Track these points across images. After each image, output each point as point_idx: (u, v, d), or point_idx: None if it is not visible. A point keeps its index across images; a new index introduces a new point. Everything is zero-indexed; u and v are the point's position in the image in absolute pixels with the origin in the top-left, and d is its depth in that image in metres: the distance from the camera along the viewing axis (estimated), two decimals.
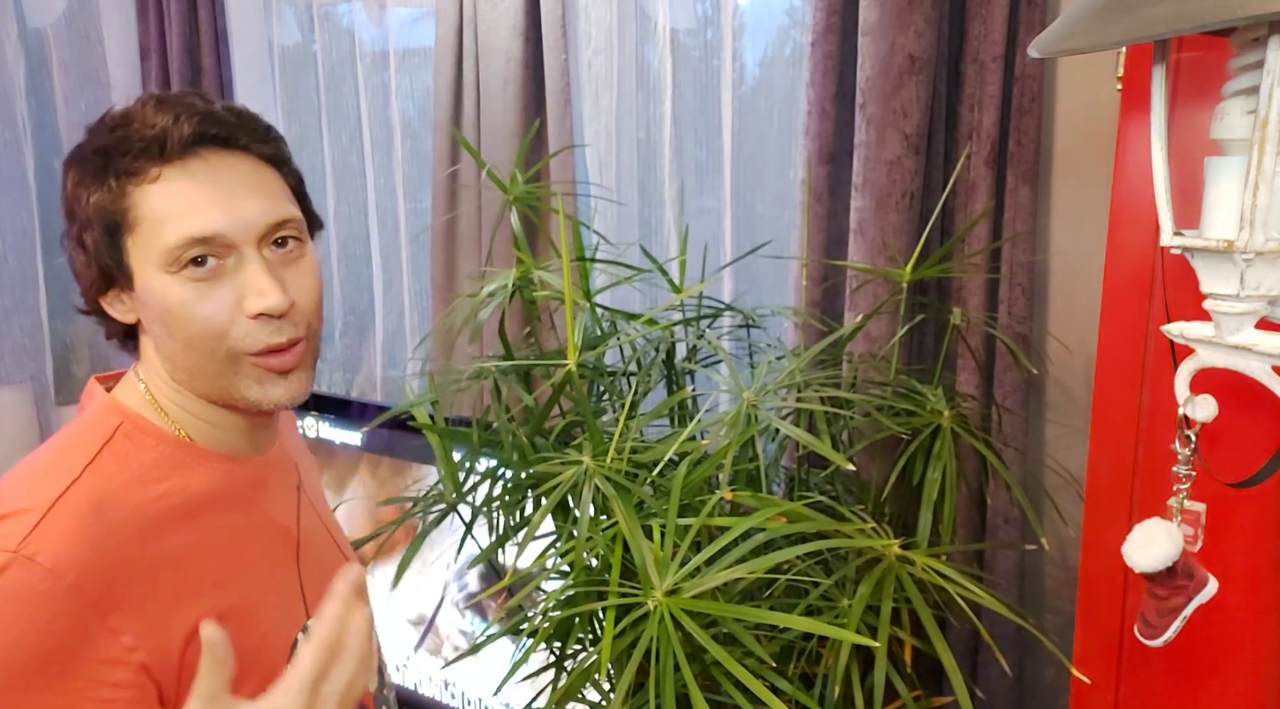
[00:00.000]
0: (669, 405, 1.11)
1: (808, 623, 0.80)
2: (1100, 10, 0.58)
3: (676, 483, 0.93)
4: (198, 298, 0.69)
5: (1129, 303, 0.99)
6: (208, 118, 0.70)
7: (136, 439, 0.72)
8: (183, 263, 0.68)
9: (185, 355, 0.71)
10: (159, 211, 0.68)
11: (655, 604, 0.82)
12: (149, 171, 0.68)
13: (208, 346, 0.70)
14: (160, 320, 0.71)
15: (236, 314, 0.70)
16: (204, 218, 0.68)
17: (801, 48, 1.55)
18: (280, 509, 0.83)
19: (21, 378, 2.32)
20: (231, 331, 0.70)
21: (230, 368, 0.71)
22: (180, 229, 0.68)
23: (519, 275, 1.22)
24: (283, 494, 0.84)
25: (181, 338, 0.70)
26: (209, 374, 0.72)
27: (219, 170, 0.70)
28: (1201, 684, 0.98)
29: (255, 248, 0.70)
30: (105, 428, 0.72)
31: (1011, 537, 1.40)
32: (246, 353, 0.71)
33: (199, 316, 0.69)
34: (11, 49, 2.26)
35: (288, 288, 0.72)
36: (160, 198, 0.68)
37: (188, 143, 0.69)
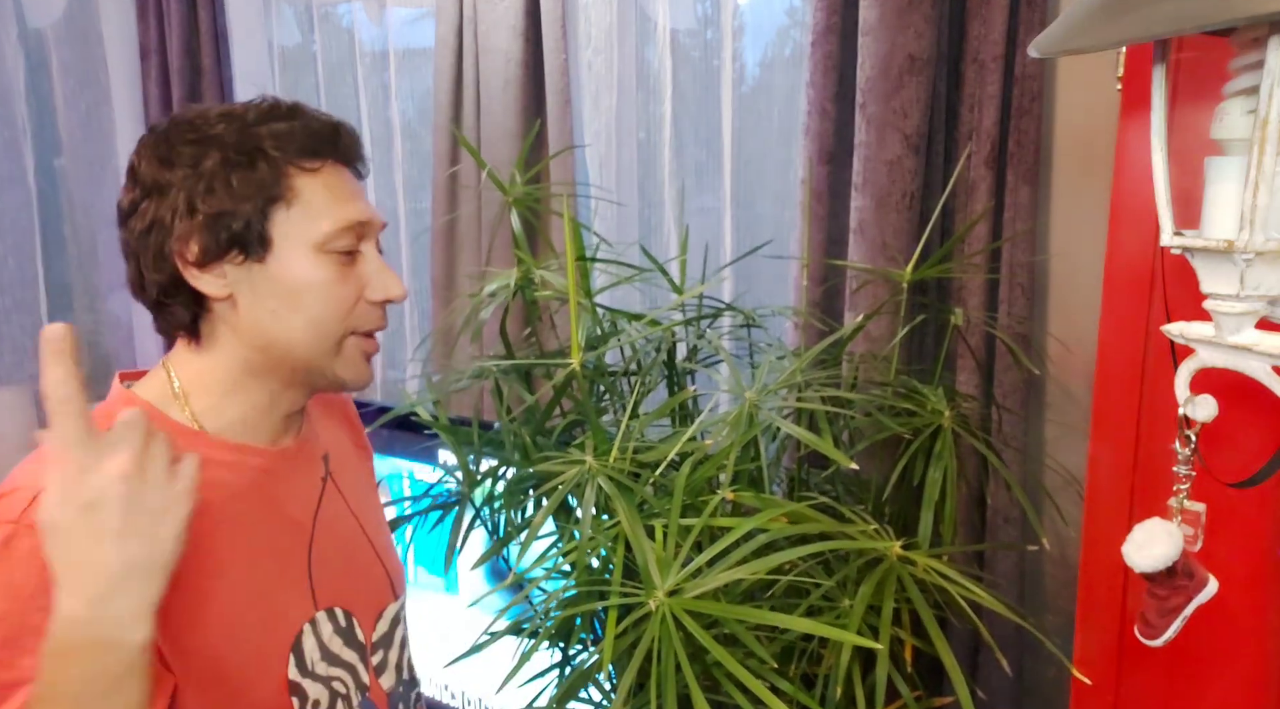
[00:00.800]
0: (672, 405, 1.11)
1: (809, 624, 0.80)
2: (1100, 10, 0.58)
3: (679, 483, 0.93)
4: (339, 279, 0.76)
5: (1129, 303, 0.99)
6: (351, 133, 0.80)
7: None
8: (334, 247, 0.75)
9: (304, 331, 0.76)
10: (319, 197, 0.75)
11: (657, 604, 0.82)
12: (312, 162, 0.76)
13: (329, 325, 0.77)
14: (291, 295, 0.75)
15: (360, 298, 0.78)
16: (356, 208, 0.77)
17: (801, 48, 1.55)
18: (296, 501, 0.84)
19: (21, 378, 2.32)
20: (354, 312, 0.78)
21: (336, 346, 0.78)
22: (344, 214, 0.76)
23: (520, 275, 1.22)
24: (302, 486, 0.85)
25: (308, 315, 0.76)
26: (315, 352, 0.77)
27: (347, 177, 0.80)
28: (1201, 684, 0.98)
29: (372, 245, 0.79)
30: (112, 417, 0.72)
31: (1012, 536, 1.40)
32: (358, 332, 0.78)
33: (335, 295, 0.76)
34: (11, 49, 2.26)
35: None
36: (320, 187, 0.76)
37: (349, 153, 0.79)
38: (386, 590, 0.91)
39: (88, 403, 0.71)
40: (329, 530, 0.86)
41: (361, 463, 0.99)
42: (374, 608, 0.89)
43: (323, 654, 0.81)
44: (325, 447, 0.91)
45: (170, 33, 2.16)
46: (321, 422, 0.93)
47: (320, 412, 0.94)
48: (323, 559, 0.84)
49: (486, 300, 1.23)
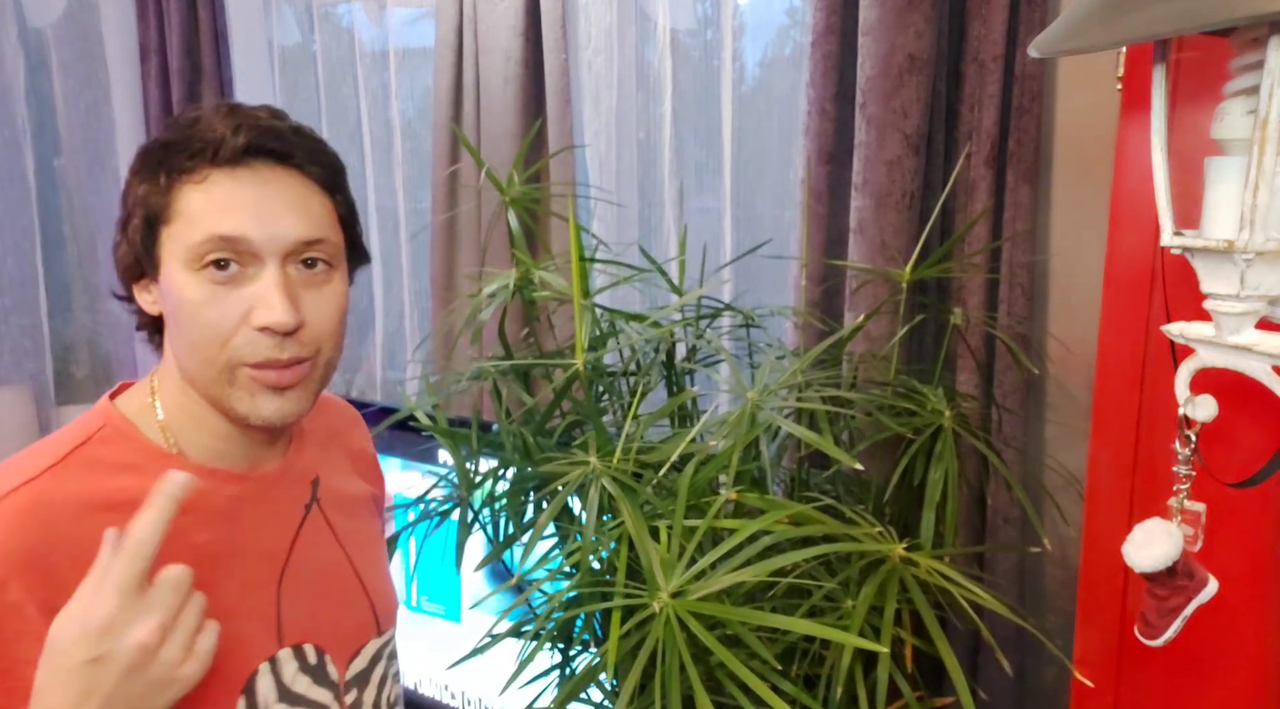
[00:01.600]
0: (674, 406, 1.11)
1: (813, 626, 0.79)
2: (1100, 10, 0.58)
3: (683, 483, 0.93)
4: (210, 299, 0.69)
5: (1129, 303, 0.99)
6: (267, 131, 0.71)
7: (113, 444, 0.72)
8: (204, 261, 0.69)
9: (188, 356, 0.71)
10: (195, 208, 0.69)
11: (661, 606, 0.82)
12: (199, 171, 0.70)
13: (209, 351, 0.70)
14: (174, 316, 0.71)
15: (243, 323, 0.70)
16: (234, 220, 0.69)
17: (801, 48, 1.55)
18: (272, 530, 0.79)
19: (21, 378, 2.32)
20: (234, 339, 0.70)
21: (226, 376, 0.71)
22: (209, 226, 0.69)
23: (519, 276, 1.22)
24: (281, 513, 0.81)
25: (188, 338, 0.71)
26: (207, 380, 0.71)
27: (267, 181, 0.71)
28: (1201, 684, 0.98)
29: (279, 262, 0.70)
30: (85, 431, 0.72)
31: (1012, 536, 1.40)
32: (244, 363, 0.70)
33: (206, 319, 0.69)
34: (11, 49, 2.26)
35: (302, 308, 0.71)
36: (201, 196, 0.69)
37: (241, 152, 0.70)
38: (369, 625, 0.86)
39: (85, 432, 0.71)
40: (307, 561, 0.81)
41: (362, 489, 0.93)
42: (352, 644, 0.84)
43: (281, 695, 0.76)
44: (316, 470, 0.86)
45: (170, 33, 2.16)
46: (318, 443, 0.88)
47: (321, 433, 0.90)
48: (295, 592, 0.79)
49: (485, 301, 1.23)
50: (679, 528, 0.88)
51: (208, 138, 0.70)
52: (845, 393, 1.14)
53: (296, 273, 0.72)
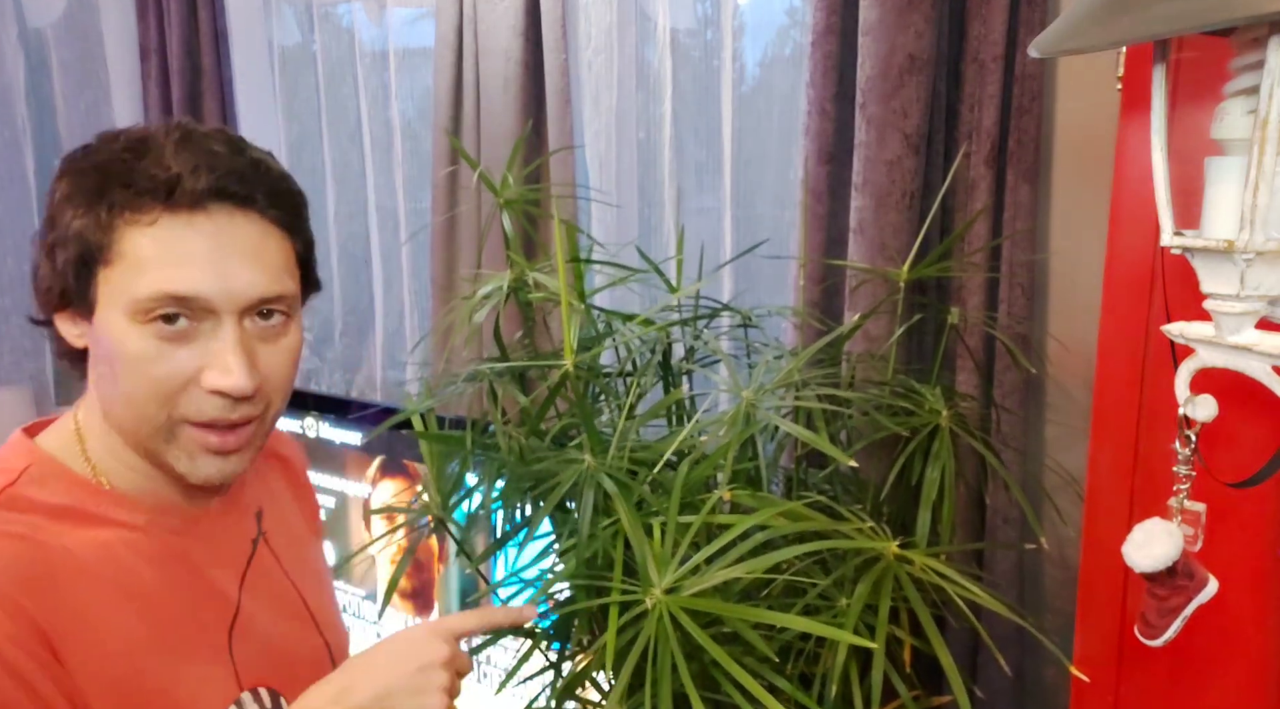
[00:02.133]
0: (665, 404, 1.11)
1: (805, 623, 0.79)
2: (1100, 10, 0.58)
3: (678, 481, 0.93)
4: (156, 356, 0.63)
5: (1129, 303, 0.99)
6: (229, 173, 0.64)
7: (44, 483, 0.66)
8: (151, 315, 0.63)
9: (123, 408, 0.66)
10: (143, 256, 0.62)
11: (654, 602, 0.82)
12: (148, 213, 0.63)
13: (149, 409, 0.64)
14: (108, 363, 0.65)
15: (192, 383, 0.64)
16: (189, 276, 0.62)
17: (801, 48, 1.55)
18: (220, 568, 0.75)
19: (21, 378, 2.32)
20: (180, 399, 0.64)
21: (164, 434, 0.66)
22: (159, 281, 0.62)
23: (513, 277, 1.22)
24: (228, 550, 0.76)
25: (125, 390, 0.64)
26: (141, 435, 0.66)
27: (223, 230, 0.64)
28: (1201, 684, 0.98)
29: (236, 318, 0.65)
30: (9, 472, 0.66)
31: (1011, 537, 1.40)
32: (188, 421, 0.65)
33: (151, 376, 0.63)
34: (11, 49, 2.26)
35: (258, 364, 0.66)
36: (150, 243, 0.62)
37: (200, 196, 0.63)
38: (325, 664, 0.83)
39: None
40: (258, 600, 0.77)
41: (303, 516, 0.90)
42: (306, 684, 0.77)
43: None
44: (259, 501, 0.82)
45: (170, 33, 2.16)
46: (258, 473, 0.84)
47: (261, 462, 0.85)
48: (248, 634, 0.75)
49: (480, 303, 1.23)
50: (673, 524, 0.88)
51: (159, 175, 0.62)
52: (843, 392, 1.14)
53: (252, 326, 0.67)
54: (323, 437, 1.87)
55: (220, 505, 0.76)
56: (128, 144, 0.65)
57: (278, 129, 2.20)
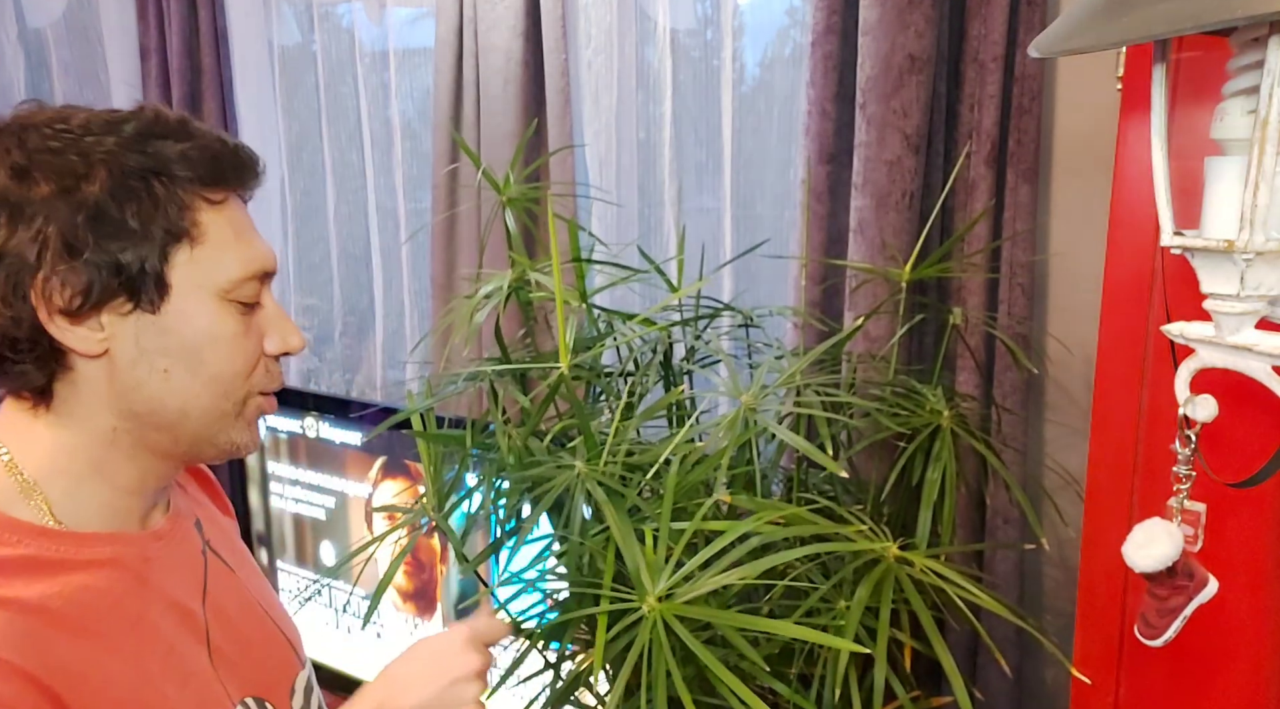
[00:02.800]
0: (662, 405, 1.10)
1: (801, 630, 0.79)
2: (1100, 10, 0.58)
3: (669, 486, 0.92)
4: (244, 332, 0.66)
5: (1129, 303, 0.99)
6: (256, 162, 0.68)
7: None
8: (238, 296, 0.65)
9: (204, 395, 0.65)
10: (224, 236, 0.64)
11: (648, 610, 0.82)
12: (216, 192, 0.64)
13: (232, 386, 0.66)
14: (190, 351, 0.63)
15: (260, 353, 0.68)
16: (264, 252, 0.67)
17: (801, 48, 1.55)
18: (182, 584, 0.71)
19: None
20: (255, 371, 0.68)
21: (235, 409, 0.67)
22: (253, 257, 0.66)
23: (515, 277, 1.22)
24: (185, 567, 0.73)
25: (210, 373, 0.64)
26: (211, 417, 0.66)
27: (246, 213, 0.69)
28: (1201, 684, 0.98)
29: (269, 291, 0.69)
30: None
31: (1011, 537, 1.40)
32: (259, 392, 0.69)
33: (241, 350, 0.66)
34: (11, 49, 2.26)
35: None
36: (225, 223, 0.65)
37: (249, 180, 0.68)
38: (292, 662, 0.81)
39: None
40: (222, 611, 0.74)
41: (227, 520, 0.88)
42: (285, 685, 0.78)
43: None
44: (193, 511, 0.79)
45: (170, 33, 2.16)
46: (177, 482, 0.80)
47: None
48: (220, 647, 0.72)
49: (481, 303, 1.23)
50: (665, 530, 0.88)
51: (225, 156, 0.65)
52: (844, 394, 1.14)
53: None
54: (323, 436, 1.87)
55: (168, 523, 0.73)
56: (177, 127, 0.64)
57: (278, 129, 2.20)
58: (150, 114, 0.64)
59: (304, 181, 2.21)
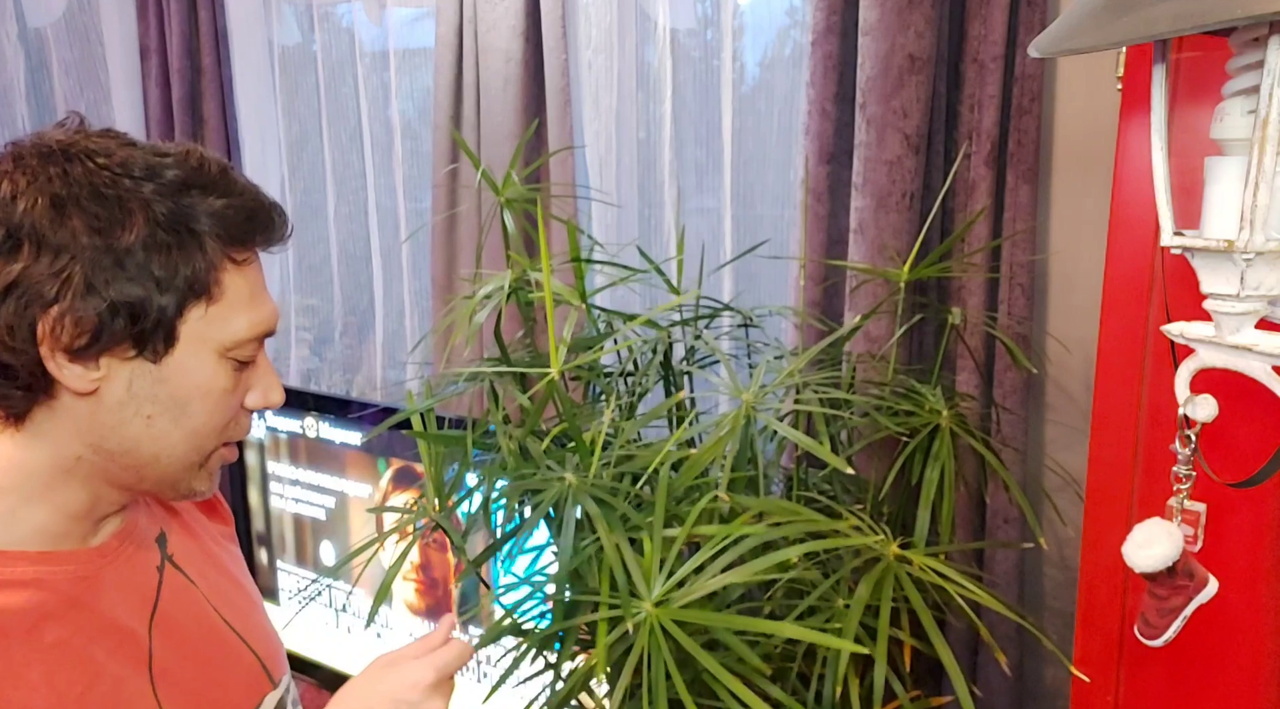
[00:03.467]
0: (662, 409, 1.10)
1: (800, 630, 0.79)
2: (1100, 10, 0.58)
3: (661, 490, 0.92)
4: (232, 388, 0.66)
5: (1129, 303, 0.99)
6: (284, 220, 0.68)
7: None
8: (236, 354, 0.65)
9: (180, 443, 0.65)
10: (239, 296, 0.64)
11: (644, 616, 0.82)
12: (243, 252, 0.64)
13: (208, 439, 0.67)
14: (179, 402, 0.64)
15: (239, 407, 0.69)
16: (270, 314, 0.67)
17: (801, 48, 1.55)
18: (126, 606, 0.68)
19: None
20: (231, 423, 0.68)
21: (202, 459, 0.68)
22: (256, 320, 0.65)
23: (514, 277, 1.22)
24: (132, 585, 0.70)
25: (193, 425, 0.65)
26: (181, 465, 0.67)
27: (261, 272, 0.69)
28: (1201, 684, 0.98)
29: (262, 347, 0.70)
30: None
31: (1011, 536, 1.40)
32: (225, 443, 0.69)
33: (224, 406, 0.66)
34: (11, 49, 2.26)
35: None
36: (243, 283, 0.65)
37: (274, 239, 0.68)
38: (261, 681, 0.78)
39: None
40: (173, 631, 0.71)
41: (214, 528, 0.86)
42: (247, 705, 0.76)
43: None
44: (159, 524, 0.76)
45: (170, 33, 2.16)
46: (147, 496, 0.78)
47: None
48: (169, 669, 0.69)
49: (481, 303, 1.23)
50: (659, 535, 0.87)
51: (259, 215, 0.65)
52: (843, 393, 1.14)
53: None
54: (323, 436, 1.87)
55: (116, 540, 0.70)
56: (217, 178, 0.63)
57: (278, 129, 2.20)
58: (194, 162, 0.63)
59: (304, 181, 2.21)
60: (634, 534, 0.91)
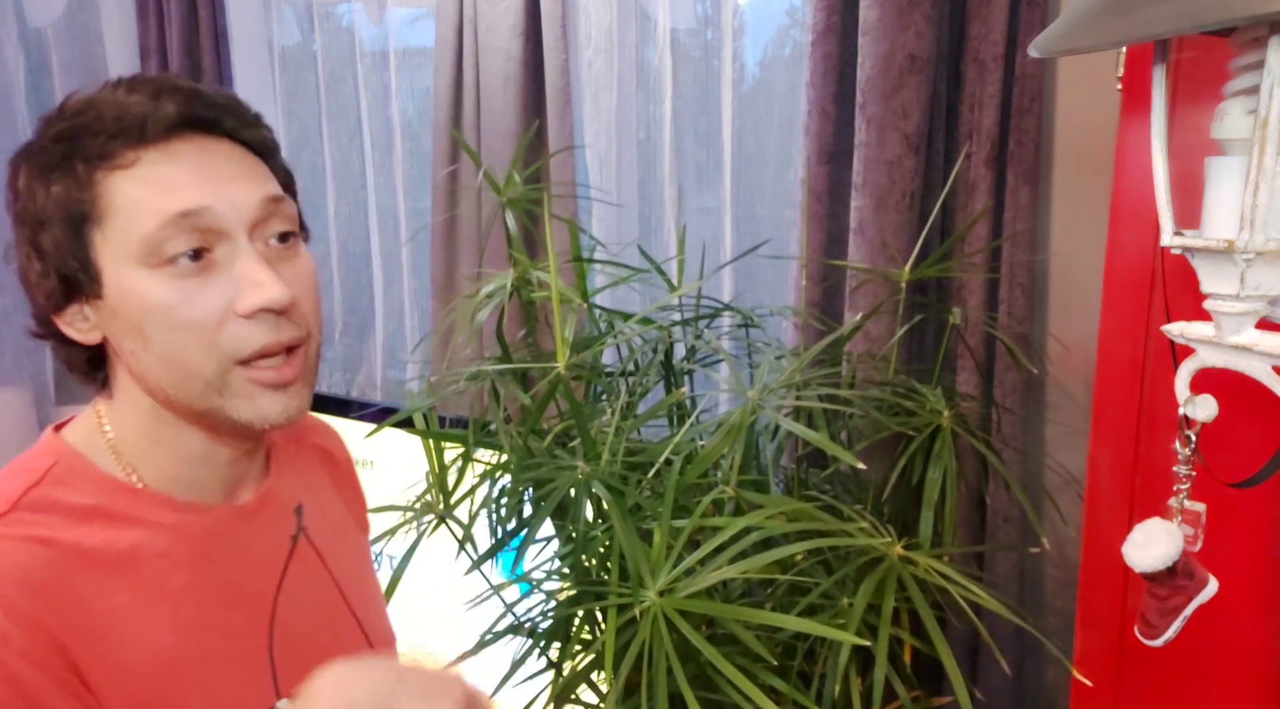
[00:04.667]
0: (663, 406, 1.11)
1: (803, 623, 0.79)
2: (1100, 10, 0.58)
3: (670, 483, 0.93)
4: (184, 298, 0.59)
5: (1129, 303, 0.99)
6: (193, 97, 0.61)
7: (69, 482, 0.63)
8: (166, 255, 0.59)
9: (164, 372, 0.62)
10: (135, 197, 0.59)
11: (649, 604, 0.82)
12: (124, 156, 0.59)
13: (194, 359, 0.60)
14: (136, 330, 0.61)
15: (227, 315, 0.60)
16: (190, 193, 0.59)
17: (801, 48, 1.55)
18: (255, 569, 0.70)
19: (21, 378, 2.32)
20: (221, 336, 0.60)
21: (217, 385, 0.62)
22: (162, 207, 0.58)
23: (516, 276, 1.22)
24: (264, 549, 0.72)
25: (161, 351, 0.61)
26: (192, 394, 0.62)
27: (207, 152, 0.61)
28: (1201, 684, 0.98)
29: (248, 236, 0.61)
30: (34, 471, 0.63)
31: (1011, 536, 1.40)
32: (238, 360, 0.61)
33: (184, 321, 0.59)
34: (11, 49, 2.26)
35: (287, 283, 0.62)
36: (137, 183, 0.59)
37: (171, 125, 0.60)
38: None
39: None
40: (297, 600, 0.72)
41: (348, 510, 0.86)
42: None
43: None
44: (298, 496, 0.77)
45: (170, 33, 2.16)
46: (294, 463, 0.79)
47: (293, 450, 0.81)
48: (288, 636, 0.70)
49: (483, 302, 1.23)
50: (666, 526, 0.88)
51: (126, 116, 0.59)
52: (844, 392, 1.14)
53: (266, 249, 0.63)
54: None
55: (255, 500, 0.72)
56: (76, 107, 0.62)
57: (278, 129, 2.20)
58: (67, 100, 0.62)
59: (304, 181, 2.20)
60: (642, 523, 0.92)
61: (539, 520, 0.97)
